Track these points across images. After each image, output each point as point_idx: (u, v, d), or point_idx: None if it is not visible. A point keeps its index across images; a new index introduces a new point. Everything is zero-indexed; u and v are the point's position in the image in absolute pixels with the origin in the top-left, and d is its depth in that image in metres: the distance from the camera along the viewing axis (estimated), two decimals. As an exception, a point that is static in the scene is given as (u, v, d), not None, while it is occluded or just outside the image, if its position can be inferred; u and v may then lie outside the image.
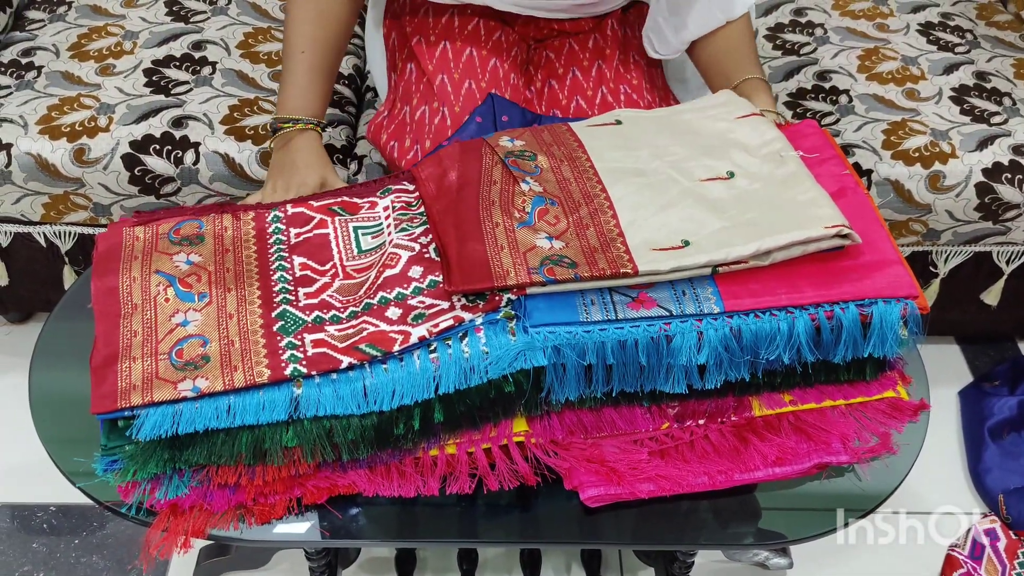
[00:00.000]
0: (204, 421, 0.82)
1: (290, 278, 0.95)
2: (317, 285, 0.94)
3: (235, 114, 1.46)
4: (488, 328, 0.87)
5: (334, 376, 0.85)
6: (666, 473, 0.92)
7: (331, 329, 0.89)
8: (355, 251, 0.98)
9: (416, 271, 0.93)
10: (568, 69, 1.33)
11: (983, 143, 1.48)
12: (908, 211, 1.49)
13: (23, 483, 1.53)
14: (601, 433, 0.93)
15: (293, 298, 0.92)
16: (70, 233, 1.51)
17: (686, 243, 0.89)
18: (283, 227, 1.01)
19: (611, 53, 1.32)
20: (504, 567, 1.46)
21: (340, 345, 0.87)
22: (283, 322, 0.90)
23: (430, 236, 0.96)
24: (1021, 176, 1.45)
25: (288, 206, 1.04)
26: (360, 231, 1.01)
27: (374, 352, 0.86)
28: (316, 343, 0.87)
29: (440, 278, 0.92)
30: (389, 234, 0.98)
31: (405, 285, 0.92)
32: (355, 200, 1.04)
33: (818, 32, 1.73)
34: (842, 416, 0.95)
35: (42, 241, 1.52)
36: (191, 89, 1.49)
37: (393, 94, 1.33)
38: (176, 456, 0.83)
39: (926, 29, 1.73)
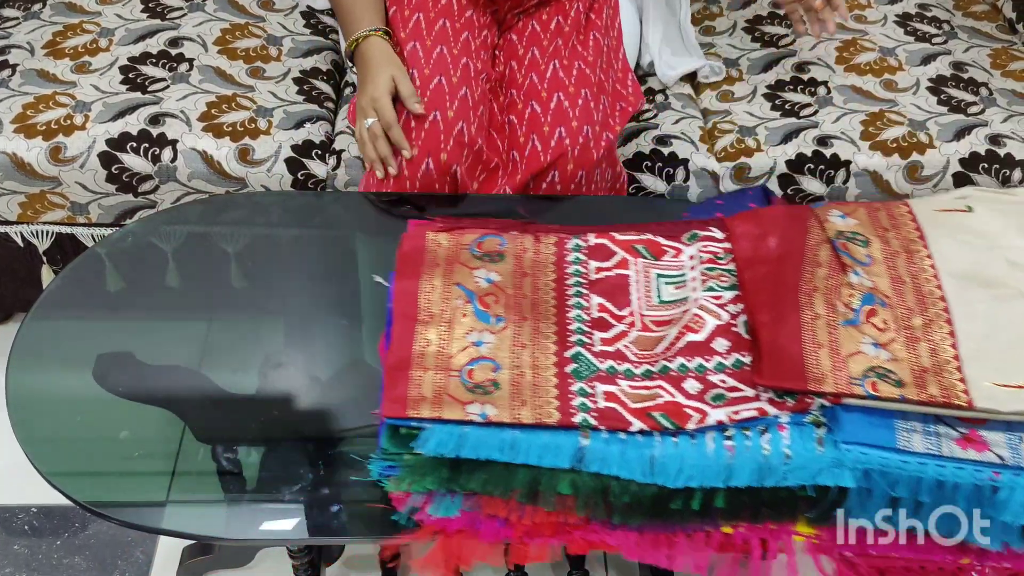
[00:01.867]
0: (487, 450, 0.80)
1: (587, 318, 0.93)
2: (614, 332, 0.92)
3: (213, 111, 1.45)
4: (793, 429, 0.81)
5: (622, 436, 0.82)
6: None
7: (623, 384, 0.86)
8: (655, 300, 0.95)
9: (721, 344, 0.89)
10: (528, 49, 1.36)
11: (960, 133, 1.49)
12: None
13: (4, 484, 1.51)
14: (891, 553, 0.83)
15: (588, 341, 0.90)
16: (47, 232, 1.50)
17: None
18: (583, 257, 0.99)
19: (569, 31, 1.37)
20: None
21: (632, 405, 0.84)
22: (576, 365, 0.88)
23: (740, 305, 0.91)
24: (998, 166, 1.46)
25: (591, 236, 1.01)
26: (663, 280, 0.96)
27: (667, 424, 0.82)
28: (608, 396, 0.85)
29: (747, 359, 0.87)
30: (694, 289, 0.94)
31: (707, 357, 0.88)
32: (659, 240, 1.00)
33: (796, 24, 1.73)
34: None
35: (19, 241, 1.51)
36: (168, 86, 1.48)
37: None
38: (454, 477, 0.82)
39: (903, 20, 1.73)
